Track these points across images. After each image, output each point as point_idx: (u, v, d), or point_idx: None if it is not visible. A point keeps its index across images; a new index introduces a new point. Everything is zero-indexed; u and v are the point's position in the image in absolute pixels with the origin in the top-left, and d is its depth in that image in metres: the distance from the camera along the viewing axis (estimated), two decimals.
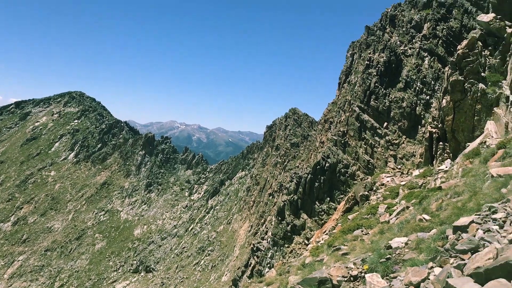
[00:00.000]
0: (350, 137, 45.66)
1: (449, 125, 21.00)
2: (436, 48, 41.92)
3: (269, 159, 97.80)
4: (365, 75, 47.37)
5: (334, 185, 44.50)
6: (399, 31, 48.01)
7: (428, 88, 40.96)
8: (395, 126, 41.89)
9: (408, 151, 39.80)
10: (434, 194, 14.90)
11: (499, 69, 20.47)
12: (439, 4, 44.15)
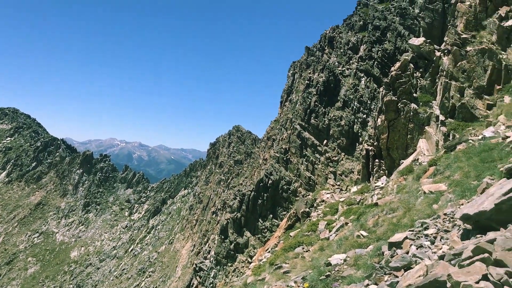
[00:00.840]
0: (292, 154, 46.37)
1: (384, 143, 21.86)
2: (372, 69, 43.75)
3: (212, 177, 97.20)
4: (306, 94, 48.55)
5: (277, 202, 44.84)
6: (337, 52, 49.73)
7: (364, 107, 42.52)
8: (335, 143, 43.06)
9: (347, 167, 40.94)
10: (371, 210, 15.35)
11: (429, 90, 21.65)
12: (374, 27, 46.27)
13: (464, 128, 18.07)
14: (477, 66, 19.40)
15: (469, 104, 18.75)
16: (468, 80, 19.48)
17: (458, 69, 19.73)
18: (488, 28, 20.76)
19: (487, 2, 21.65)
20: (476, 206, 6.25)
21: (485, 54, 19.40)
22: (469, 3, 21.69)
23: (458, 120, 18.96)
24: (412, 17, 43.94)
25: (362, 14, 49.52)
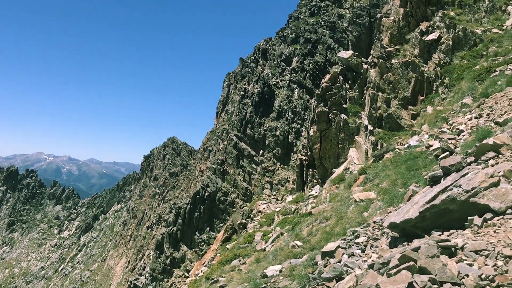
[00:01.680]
0: (228, 165, 46.28)
1: (317, 153, 22.36)
2: (304, 81, 44.87)
3: (147, 190, 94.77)
4: (241, 105, 48.81)
5: (214, 214, 44.47)
6: (271, 64, 50.54)
7: (298, 118, 43.42)
8: (270, 153, 43.54)
9: (283, 177, 41.48)
10: (305, 220, 15.53)
11: (358, 101, 22.48)
12: (305, 40, 47.57)
13: (391, 137, 18.87)
14: (401, 78, 20.41)
15: (395, 114, 19.65)
16: (394, 91, 20.43)
17: (384, 81, 20.65)
18: (411, 42, 21.95)
19: (409, 18, 22.92)
20: (402, 214, 6.44)
21: (408, 67, 20.47)
22: (393, 18, 22.84)
23: (386, 129, 19.79)
24: (341, 31, 45.67)
25: (294, 27, 50.77)
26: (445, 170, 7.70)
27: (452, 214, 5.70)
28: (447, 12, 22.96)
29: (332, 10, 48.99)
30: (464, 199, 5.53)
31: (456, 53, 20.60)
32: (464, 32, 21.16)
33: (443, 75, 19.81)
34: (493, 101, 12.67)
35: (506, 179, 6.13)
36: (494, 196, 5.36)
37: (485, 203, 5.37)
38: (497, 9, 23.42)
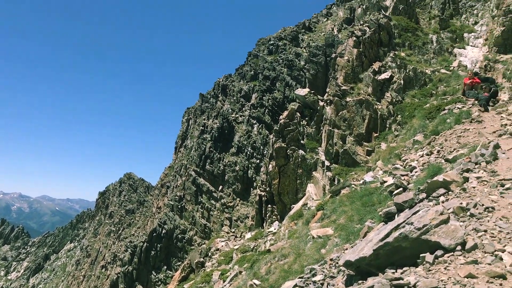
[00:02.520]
0: (187, 202, 45.55)
1: (276, 188, 22.40)
2: (264, 116, 45.37)
3: (101, 228, 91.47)
4: (200, 140, 48.63)
5: (171, 252, 43.30)
6: (231, 100, 50.96)
7: (258, 153, 43.61)
8: (230, 189, 43.24)
9: (243, 213, 41.14)
10: (264, 257, 15.34)
11: (315, 137, 22.86)
12: (264, 77, 48.44)
13: (347, 173, 19.19)
14: (356, 115, 20.99)
15: (350, 151, 20.06)
16: (349, 128, 20.94)
17: (340, 118, 21.16)
18: (364, 81, 22.73)
19: (362, 58, 23.82)
20: (357, 252, 6.45)
21: (362, 105, 21.10)
22: (347, 58, 23.66)
23: (342, 165, 20.13)
24: (298, 69, 46.86)
25: (253, 64, 51.68)
26: (398, 207, 7.83)
27: (405, 252, 5.75)
28: (398, 53, 24.06)
29: (289, 49, 50.35)
30: (416, 237, 5.60)
31: (407, 92, 21.48)
32: (415, 72, 22.17)
33: (396, 113, 20.54)
34: (443, 139, 13.17)
35: (455, 216, 6.29)
36: (444, 233, 5.46)
37: (436, 240, 5.46)
38: (444, 51, 24.77)
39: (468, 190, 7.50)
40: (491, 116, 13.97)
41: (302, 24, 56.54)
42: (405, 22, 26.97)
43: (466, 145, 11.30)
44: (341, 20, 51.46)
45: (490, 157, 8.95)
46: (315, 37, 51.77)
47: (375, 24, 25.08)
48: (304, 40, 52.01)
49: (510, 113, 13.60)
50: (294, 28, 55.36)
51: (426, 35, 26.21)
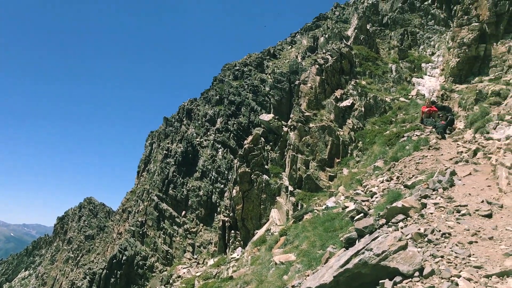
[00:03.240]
0: (148, 227, 44.51)
1: (239, 214, 22.24)
2: (228, 141, 45.33)
3: (59, 255, 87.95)
4: (164, 164, 47.97)
5: (132, 279, 41.95)
6: (195, 124, 50.76)
7: (222, 177, 43.34)
8: (193, 214, 42.61)
9: (206, 239, 40.53)
10: (226, 285, 15.08)
11: (279, 162, 22.97)
12: (229, 102, 48.65)
13: (310, 198, 19.30)
14: (319, 141, 21.28)
15: (313, 176, 20.24)
16: (312, 153, 21.18)
17: (303, 144, 21.39)
18: (327, 108, 23.18)
19: (325, 85, 24.34)
20: (318, 278, 6.43)
21: (325, 131, 21.45)
22: (310, 85, 24.12)
23: (305, 190, 20.24)
24: (263, 94, 47.34)
25: (218, 89, 51.90)
26: (359, 232, 7.90)
27: (365, 278, 5.77)
28: (359, 81, 24.75)
29: (255, 75, 50.91)
30: (375, 263, 5.64)
31: (368, 119, 22.03)
32: (375, 99, 22.81)
33: (357, 139, 20.97)
34: (402, 165, 13.49)
35: (413, 242, 6.38)
36: (403, 259, 5.52)
37: (394, 266, 5.51)
38: (403, 80, 25.66)
39: (426, 216, 7.66)
40: (448, 144, 14.45)
41: (267, 51, 57.46)
42: (365, 51, 27.88)
43: (424, 172, 11.60)
44: (304, 48, 52.61)
45: (447, 183, 9.21)
46: (280, 64, 52.63)
47: (337, 53, 25.79)
48: (269, 66, 52.75)
49: (465, 140, 14.11)
50: (259, 55, 56.15)
51: (386, 65, 27.14)
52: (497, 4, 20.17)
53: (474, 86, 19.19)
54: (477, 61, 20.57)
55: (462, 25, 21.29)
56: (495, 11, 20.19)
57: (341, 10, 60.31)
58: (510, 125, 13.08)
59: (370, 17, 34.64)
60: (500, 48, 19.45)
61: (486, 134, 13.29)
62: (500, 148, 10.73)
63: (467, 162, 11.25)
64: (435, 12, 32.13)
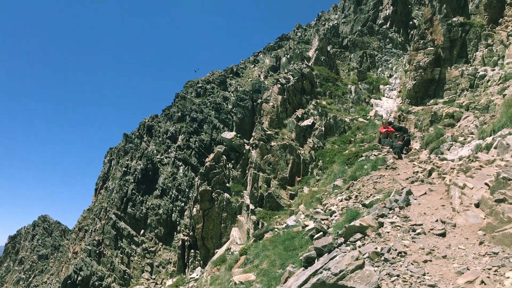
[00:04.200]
0: (105, 246, 43.20)
1: (199, 233, 21.93)
2: (190, 158, 44.94)
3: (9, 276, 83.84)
4: (123, 182, 46.93)
5: None
6: (156, 141, 50.10)
7: (183, 196, 42.80)
8: (152, 233, 41.74)
9: (165, 258, 39.70)
10: None
11: (240, 180, 22.90)
12: (191, 119, 48.40)
13: (271, 216, 19.29)
14: (280, 160, 21.41)
15: (275, 194, 20.28)
16: (273, 171, 21.26)
17: (265, 162, 21.46)
18: (288, 127, 23.42)
19: (286, 104, 24.63)
20: None
21: (286, 149, 21.63)
22: (272, 104, 24.35)
23: (266, 209, 20.23)
24: (226, 112, 47.43)
25: (180, 106, 51.59)
26: (318, 251, 7.92)
27: None
28: (320, 101, 25.21)
29: (217, 92, 51.01)
30: (333, 282, 5.66)
31: (328, 138, 22.41)
32: (335, 119, 23.26)
33: (317, 158, 21.24)
34: (361, 184, 13.72)
35: (370, 261, 6.45)
36: (360, 279, 5.56)
37: (352, 286, 5.54)
38: (362, 101, 26.32)
39: (383, 235, 7.78)
40: (405, 164, 14.85)
41: (230, 69, 57.82)
42: (326, 72, 28.51)
43: (381, 191, 11.83)
44: (267, 68, 53.30)
45: (403, 203, 9.42)
46: (243, 82, 53.02)
47: (299, 73, 26.23)
48: (232, 84, 53.02)
49: (421, 161, 14.54)
50: (222, 73, 56.40)
51: (346, 86, 27.81)
52: (451, 30, 21.15)
53: (429, 108, 19.91)
54: (432, 84, 21.40)
55: (418, 49, 22.14)
56: (449, 36, 21.15)
57: (303, 31, 61.67)
58: (463, 146, 13.60)
59: (331, 39, 35.53)
60: (454, 72, 20.32)
61: (441, 155, 13.76)
62: (454, 168, 11.12)
63: (423, 181, 11.56)
64: (393, 36, 33.33)
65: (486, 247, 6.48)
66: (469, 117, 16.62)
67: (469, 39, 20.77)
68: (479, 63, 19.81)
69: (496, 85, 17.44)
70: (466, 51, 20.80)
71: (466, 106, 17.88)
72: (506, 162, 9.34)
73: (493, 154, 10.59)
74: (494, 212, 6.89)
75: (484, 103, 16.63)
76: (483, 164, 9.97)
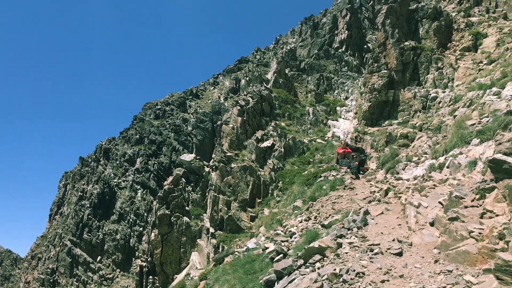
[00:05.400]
0: (60, 275, 41.38)
1: (158, 258, 21.38)
2: (148, 181, 44.10)
3: None
4: (78, 207, 45.44)
5: None
6: (113, 164, 48.97)
7: (141, 220, 41.79)
8: (109, 259, 40.39)
9: (123, 285, 38.40)
10: None
11: (200, 203, 22.62)
12: (150, 141, 47.69)
13: (232, 239, 19.05)
14: (240, 181, 21.32)
15: (235, 217, 20.10)
16: (234, 194, 21.12)
17: (225, 184, 21.30)
18: (248, 148, 23.44)
19: (246, 126, 24.70)
20: None
21: (247, 171, 21.57)
22: (232, 126, 24.36)
23: (227, 232, 19.98)
24: (185, 134, 47.06)
25: (139, 128, 50.83)
26: (278, 274, 7.84)
27: None
28: (279, 122, 25.45)
29: (177, 114, 50.63)
30: None
31: (287, 159, 22.56)
32: (294, 141, 23.49)
33: (277, 179, 21.30)
34: (320, 204, 13.80)
35: (329, 283, 6.42)
36: None
37: None
38: (320, 122, 26.75)
39: (341, 255, 7.78)
40: (362, 183, 15.08)
41: (190, 91, 57.69)
42: (284, 94, 28.90)
43: (340, 211, 11.92)
44: (227, 89, 53.52)
45: (360, 223, 9.50)
46: (203, 104, 52.93)
47: (258, 95, 26.46)
48: (191, 106, 52.81)
49: (378, 180, 14.83)
50: (181, 94, 56.16)
51: (304, 107, 28.25)
52: (403, 54, 21.99)
53: (384, 129, 20.46)
54: (386, 105, 22.06)
55: (372, 72, 22.84)
56: (401, 60, 21.97)
57: (261, 54, 62.53)
58: (417, 166, 13.99)
59: (289, 62, 36.19)
60: (407, 94, 21.05)
61: (396, 175, 14.08)
62: (409, 188, 11.38)
63: (379, 201, 11.75)
64: (348, 59, 34.31)
65: (441, 265, 6.60)
66: (422, 138, 17.17)
67: (421, 62, 21.66)
68: (431, 85, 20.64)
69: (447, 107, 18.17)
70: (418, 73, 21.65)
71: (420, 126, 18.50)
72: (458, 181, 9.64)
73: (446, 173, 10.92)
74: (448, 230, 7.04)
75: (436, 124, 17.25)
76: (437, 183, 10.25)
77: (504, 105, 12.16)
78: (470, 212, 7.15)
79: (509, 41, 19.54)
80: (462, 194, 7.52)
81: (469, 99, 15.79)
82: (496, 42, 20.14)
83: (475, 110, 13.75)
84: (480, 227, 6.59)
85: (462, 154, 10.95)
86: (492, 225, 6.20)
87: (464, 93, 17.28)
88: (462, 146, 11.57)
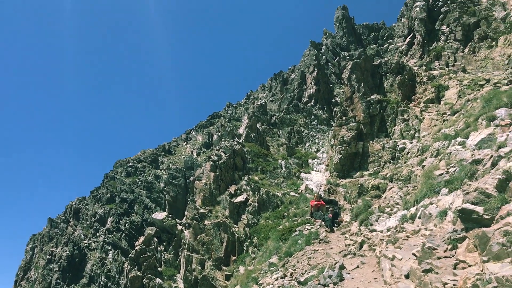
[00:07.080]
0: None
1: None
2: (120, 242, 42.73)
3: None
4: (46, 271, 43.43)
5: None
6: (84, 224, 47.49)
7: (113, 282, 40.06)
8: None
9: None
10: None
11: (173, 263, 21.95)
12: (121, 199, 46.69)
13: None
14: (214, 239, 20.90)
15: (209, 276, 19.52)
16: (208, 252, 20.63)
17: (198, 242, 20.84)
18: (222, 204, 23.20)
19: (219, 181, 24.58)
20: None
21: (220, 227, 21.22)
22: (205, 181, 24.19)
23: None
24: (158, 191, 46.35)
25: (110, 186, 49.87)
26: None
27: None
28: (252, 176, 25.44)
29: (149, 171, 50.06)
30: None
31: (262, 214, 22.36)
32: (267, 194, 23.40)
33: (252, 235, 20.98)
34: (296, 260, 13.57)
35: None
36: None
37: None
38: (292, 175, 26.87)
39: None
40: (337, 236, 14.99)
41: (162, 147, 57.46)
42: (256, 148, 29.13)
43: (315, 267, 11.74)
44: (200, 144, 53.55)
45: (336, 278, 9.35)
46: (175, 160, 52.61)
47: (230, 150, 26.57)
48: (164, 162, 52.41)
49: (352, 233, 14.77)
50: (153, 151, 55.82)
51: (276, 161, 28.43)
52: (370, 107, 22.67)
53: (356, 180, 20.67)
54: (357, 157, 22.43)
55: (341, 124, 23.38)
56: (368, 113, 22.62)
57: (233, 109, 63.44)
58: (390, 217, 14.06)
59: (260, 116, 36.79)
60: (376, 145, 21.51)
61: (370, 226, 14.09)
62: (383, 240, 11.35)
63: (355, 254, 11.65)
64: (317, 112, 35.13)
65: None
66: (393, 188, 17.39)
67: (387, 114, 22.34)
68: (398, 136, 21.19)
69: (415, 157, 18.59)
70: (385, 125, 22.26)
71: (390, 177, 18.77)
72: (430, 231, 9.69)
73: (418, 224, 10.99)
74: (423, 283, 7.00)
75: (406, 174, 17.55)
76: (410, 234, 10.27)
77: (469, 155, 12.51)
78: (444, 263, 7.15)
79: (469, 93, 20.45)
80: (434, 245, 7.55)
81: (435, 149, 16.22)
82: (458, 94, 21.04)
83: (442, 160, 14.09)
84: (454, 279, 6.57)
85: (432, 204, 11.09)
86: (465, 276, 6.19)
87: (431, 144, 17.76)
88: (432, 196, 11.73)
